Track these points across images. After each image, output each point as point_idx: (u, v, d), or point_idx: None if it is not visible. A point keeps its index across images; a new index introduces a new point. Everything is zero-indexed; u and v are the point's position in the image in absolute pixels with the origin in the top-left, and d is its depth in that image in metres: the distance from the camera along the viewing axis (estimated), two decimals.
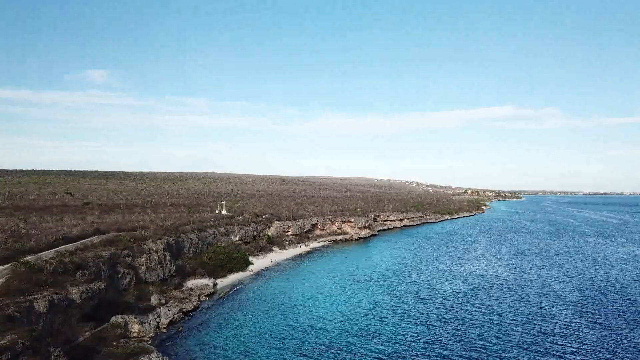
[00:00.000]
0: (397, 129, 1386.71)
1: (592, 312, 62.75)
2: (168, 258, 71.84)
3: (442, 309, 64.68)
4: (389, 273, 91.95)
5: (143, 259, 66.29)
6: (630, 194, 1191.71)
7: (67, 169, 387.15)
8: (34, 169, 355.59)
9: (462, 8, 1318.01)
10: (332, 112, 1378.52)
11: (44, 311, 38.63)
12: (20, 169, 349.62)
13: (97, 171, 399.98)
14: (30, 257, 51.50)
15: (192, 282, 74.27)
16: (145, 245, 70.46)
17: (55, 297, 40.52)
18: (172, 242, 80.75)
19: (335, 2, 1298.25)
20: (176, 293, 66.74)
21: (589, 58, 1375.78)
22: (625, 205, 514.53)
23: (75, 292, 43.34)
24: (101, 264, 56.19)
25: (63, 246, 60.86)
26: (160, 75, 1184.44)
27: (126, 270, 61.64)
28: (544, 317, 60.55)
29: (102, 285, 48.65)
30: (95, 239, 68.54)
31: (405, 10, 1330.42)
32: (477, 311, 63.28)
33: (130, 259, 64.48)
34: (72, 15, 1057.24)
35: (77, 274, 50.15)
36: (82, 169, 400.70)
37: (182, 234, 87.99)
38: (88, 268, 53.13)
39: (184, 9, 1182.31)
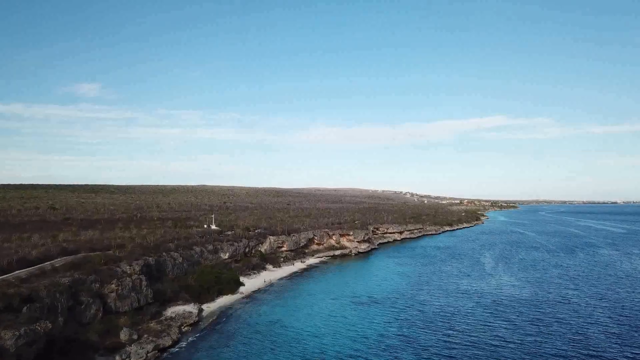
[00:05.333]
0: (389, 140, 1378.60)
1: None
2: (144, 283, 62.31)
3: (461, 343, 55.46)
4: (394, 294, 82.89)
5: (113, 285, 56.78)
6: (623, 202, 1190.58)
7: (58, 183, 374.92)
8: (23, 183, 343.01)
9: (453, 17, 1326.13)
10: (325, 123, 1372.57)
11: None
12: (9, 183, 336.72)
13: (87, 185, 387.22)
14: None
15: (173, 310, 64.75)
16: (118, 268, 61.12)
17: None
18: (152, 262, 71.44)
19: (325, 12, 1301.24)
20: (152, 325, 57.17)
21: (581, 66, 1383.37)
22: (622, 214, 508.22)
23: (8, 338, 34.02)
24: (58, 295, 46.80)
25: (16, 272, 51.38)
26: (152, 88, 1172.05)
27: (91, 300, 52.13)
28: (582, 350, 51.74)
29: (49, 325, 39.20)
30: (58, 261, 59.00)
31: (397, 19, 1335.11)
32: (501, 346, 54.32)
33: (97, 286, 55.07)
34: (63, 29, 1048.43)
35: (24, 309, 40.91)
36: (72, 183, 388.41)
37: (164, 253, 78.66)
38: (40, 300, 43.82)
39: (176, 22, 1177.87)
